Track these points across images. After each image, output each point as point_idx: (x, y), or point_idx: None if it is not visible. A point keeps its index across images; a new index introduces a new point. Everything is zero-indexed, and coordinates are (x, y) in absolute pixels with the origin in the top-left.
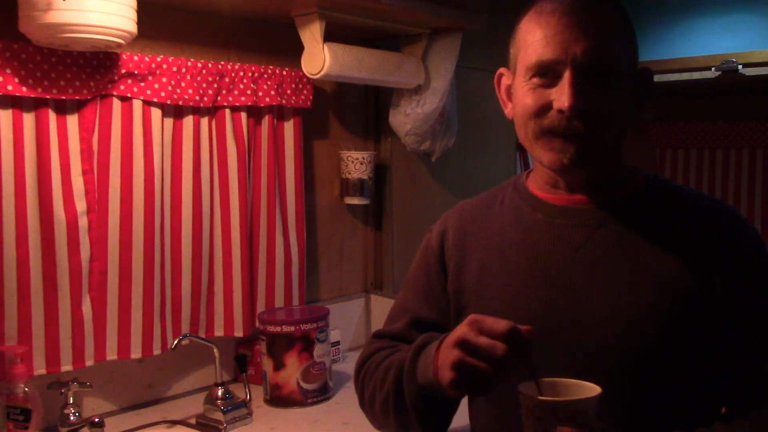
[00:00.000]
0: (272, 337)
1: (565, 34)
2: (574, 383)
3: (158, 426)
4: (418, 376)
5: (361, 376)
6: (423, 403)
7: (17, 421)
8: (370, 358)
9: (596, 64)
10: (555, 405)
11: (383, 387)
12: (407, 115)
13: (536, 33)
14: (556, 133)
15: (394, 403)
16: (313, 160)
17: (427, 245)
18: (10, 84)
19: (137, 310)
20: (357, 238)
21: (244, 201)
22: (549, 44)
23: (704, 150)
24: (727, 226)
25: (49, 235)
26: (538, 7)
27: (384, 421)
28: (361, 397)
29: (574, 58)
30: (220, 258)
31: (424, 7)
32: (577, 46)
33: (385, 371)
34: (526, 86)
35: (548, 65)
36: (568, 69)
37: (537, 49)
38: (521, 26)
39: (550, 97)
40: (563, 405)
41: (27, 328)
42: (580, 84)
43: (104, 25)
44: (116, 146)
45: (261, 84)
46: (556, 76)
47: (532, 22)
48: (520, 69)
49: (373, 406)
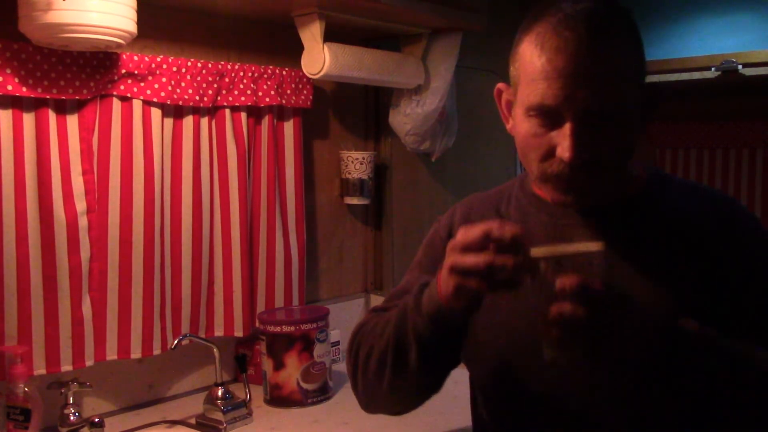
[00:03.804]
0: (272, 337)
1: (569, 79)
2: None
3: (158, 426)
4: (423, 308)
5: (356, 340)
6: (430, 332)
7: (17, 421)
8: (366, 325)
9: (600, 112)
10: (560, 257)
11: (383, 336)
12: (407, 115)
13: (536, 65)
14: (560, 178)
15: (393, 349)
16: (313, 160)
17: (435, 232)
18: (10, 84)
19: (137, 310)
20: (357, 238)
21: (244, 201)
22: (551, 87)
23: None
24: (728, 216)
25: (49, 235)
26: (542, 30)
27: (376, 381)
28: (354, 363)
29: (576, 107)
30: (220, 258)
31: (424, 7)
32: (581, 92)
33: (385, 324)
34: (527, 123)
35: (549, 110)
36: (570, 118)
37: (538, 90)
38: (523, 47)
39: (552, 141)
40: (568, 256)
41: (27, 328)
42: (582, 133)
43: (104, 25)
44: (116, 146)
45: (261, 84)
46: (558, 119)
47: (535, 48)
48: (521, 98)
49: (366, 366)
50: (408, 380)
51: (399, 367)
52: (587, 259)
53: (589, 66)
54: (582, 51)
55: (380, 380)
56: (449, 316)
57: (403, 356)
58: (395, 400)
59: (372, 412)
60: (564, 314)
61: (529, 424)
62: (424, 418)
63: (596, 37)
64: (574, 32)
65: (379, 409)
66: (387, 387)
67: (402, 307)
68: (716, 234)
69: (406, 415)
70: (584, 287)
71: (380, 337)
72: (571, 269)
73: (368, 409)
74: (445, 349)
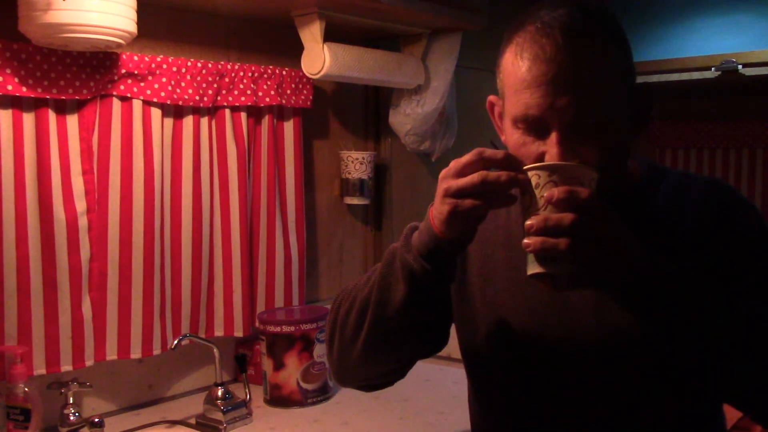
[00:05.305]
0: (272, 337)
1: (549, 86)
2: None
3: (158, 426)
4: (414, 245)
5: (338, 299)
6: (421, 267)
7: (17, 421)
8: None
9: (584, 118)
10: (553, 167)
11: (367, 284)
12: (407, 115)
13: (517, 75)
14: None
15: (378, 292)
16: (313, 160)
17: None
18: (10, 84)
19: (137, 310)
20: (357, 238)
21: (244, 201)
22: (532, 95)
23: (704, 150)
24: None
25: (49, 235)
26: (521, 39)
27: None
28: (333, 321)
29: (560, 115)
30: (220, 258)
31: (424, 7)
32: (563, 100)
33: (370, 274)
34: (515, 134)
35: (534, 118)
36: (556, 126)
37: (521, 99)
38: (505, 58)
39: (540, 149)
40: (560, 168)
41: (27, 328)
42: (568, 141)
43: (104, 25)
44: (116, 146)
45: (261, 84)
46: (544, 128)
47: (515, 58)
48: (507, 109)
49: (346, 321)
50: (387, 330)
51: (382, 309)
52: (579, 177)
53: (569, 72)
54: (560, 57)
55: (357, 334)
56: (441, 251)
57: (389, 297)
58: (369, 360)
59: (343, 382)
60: (550, 220)
61: (529, 424)
62: (424, 418)
63: (574, 43)
64: (552, 39)
65: (351, 375)
66: (362, 342)
67: (389, 252)
68: (711, 220)
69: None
70: (573, 194)
71: (364, 286)
72: (562, 182)
73: (340, 376)
74: (434, 294)
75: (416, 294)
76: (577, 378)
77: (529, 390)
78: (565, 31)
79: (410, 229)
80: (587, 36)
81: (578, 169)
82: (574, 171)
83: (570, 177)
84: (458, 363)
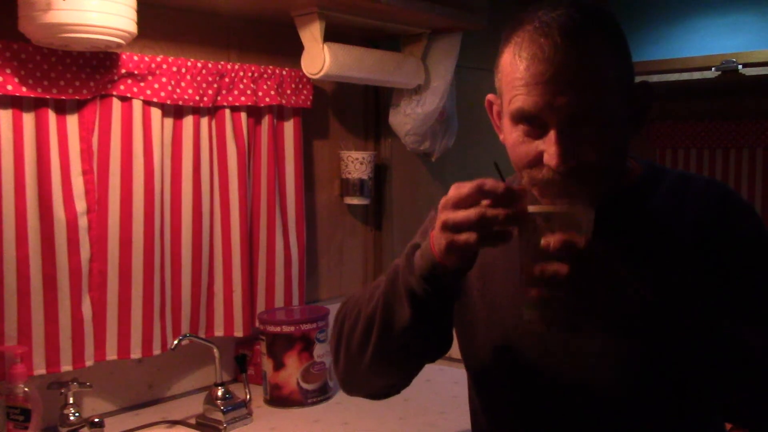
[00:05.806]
0: (272, 337)
1: (547, 86)
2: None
3: (158, 426)
4: (416, 267)
5: (342, 312)
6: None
7: (17, 421)
8: (353, 297)
9: (582, 115)
10: (548, 214)
11: (371, 300)
12: (407, 115)
13: (516, 74)
14: (550, 184)
15: (383, 310)
16: (313, 160)
17: (430, 221)
18: (10, 84)
19: (137, 310)
20: (357, 238)
21: (244, 201)
22: (530, 94)
23: (704, 150)
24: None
25: (49, 235)
26: (519, 39)
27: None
28: (338, 334)
29: (558, 113)
30: (220, 258)
31: (424, 7)
32: (561, 99)
33: (373, 290)
34: (514, 132)
35: (533, 116)
36: (554, 125)
37: (519, 98)
38: (503, 57)
39: (539, 148)
40: (557, 214)
41: (27, 328)
42: (567, 139)
43: (104, 25)
44: (116, 146)
45: (261, 84)
46: (543, 126)
47: (513, 57)
48: (506, 108)
49: (351, 335)
50: (393, 348)
51: (387, 330)
52: (576, 222)
53: (567, 71)
54: (558, 57)
55: (364, 349)
56: (442, 275)
57: (393, 317)
58: (376, 373)
59: (351, 393)
60: (546, 271)
61: (528, 423)
62: (424, 418)
63: (572, 42)
64: (550, 38)
65: (359, 386)
66: (369, 358)
67: (392, 269)
68: (709, 220)
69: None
70: (569, 244)
71: (368, 302)
72: (559, 228)
73: (347, 387)
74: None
75: (420, 314)
76: (577, 378)
77: (529, 390)
78: (563, 30)
79: (412, 248)
80: (585, 36)
81: (576, 213)
82: (572, 216)
83: (567, 224)
84: (458, 363)
